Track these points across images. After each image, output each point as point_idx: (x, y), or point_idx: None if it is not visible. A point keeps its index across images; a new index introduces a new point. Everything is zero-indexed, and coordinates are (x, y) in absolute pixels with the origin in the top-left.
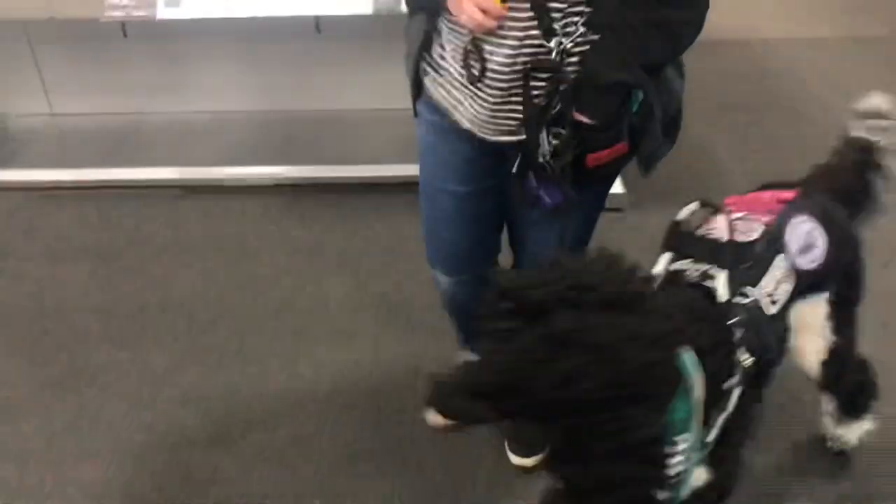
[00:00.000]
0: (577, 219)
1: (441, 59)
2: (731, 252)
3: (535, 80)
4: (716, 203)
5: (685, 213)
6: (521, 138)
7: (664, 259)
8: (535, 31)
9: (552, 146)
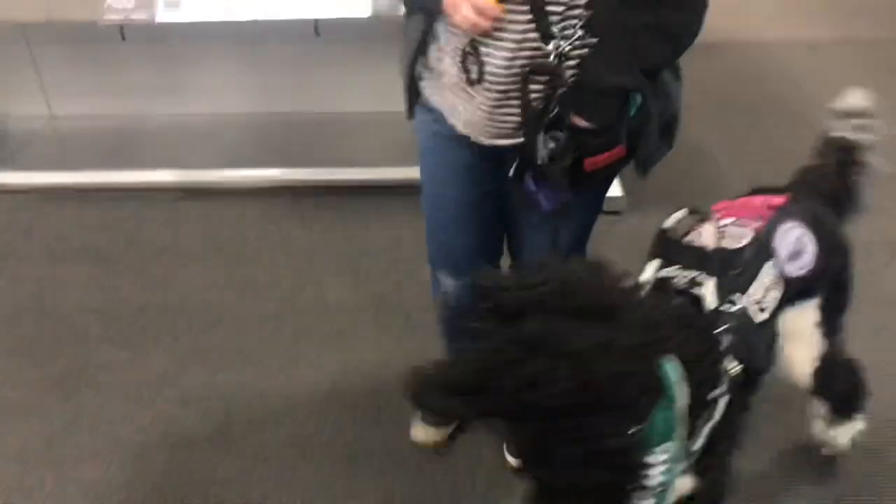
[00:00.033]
0: (574, 222)
1: (437, 62)
2: (719, 259)
3: (533, 84)
4: (703, 210)
5: (672, 221)
6: (519, 141)
7: (652, 266)
8: (533, 33)
9: (550, 150)
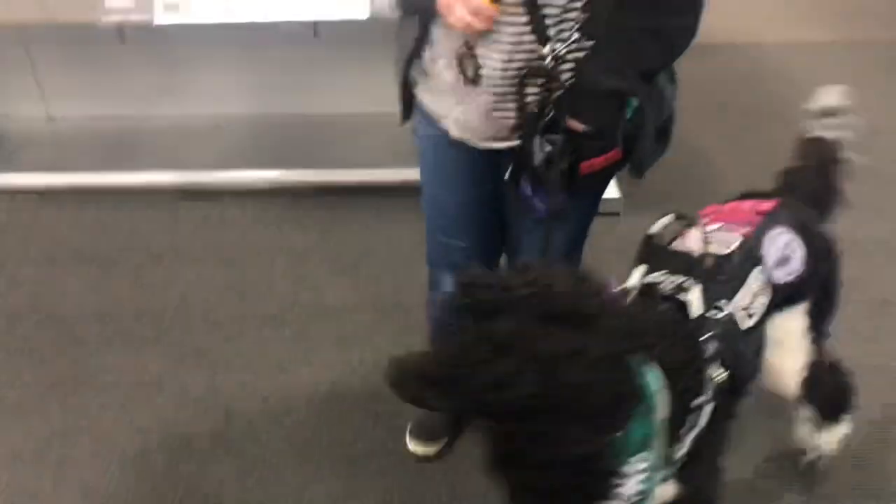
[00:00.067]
0: (570, 224)
1: (431, 65)
2: (705, 265)
3: (529, 86)
4: (689, 216)
5: (658, 227)
6: (516, 144)
7: (638, 272)
8: (529, 36)
9: (546, 153)
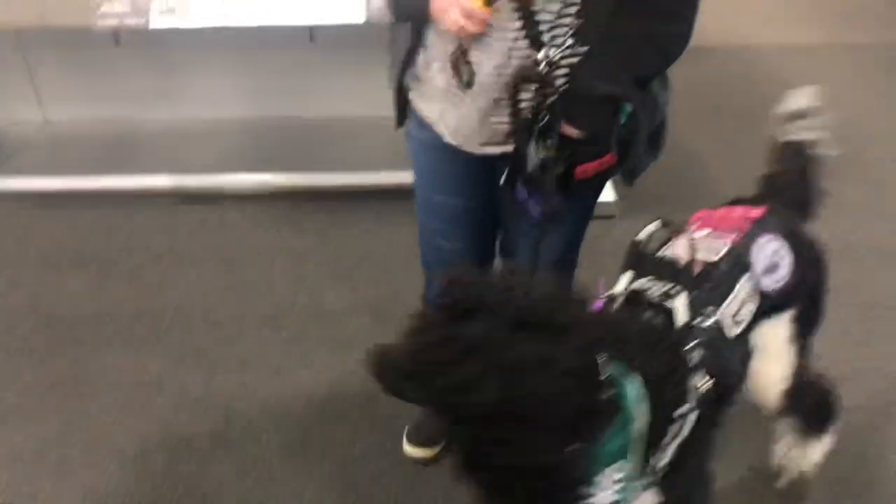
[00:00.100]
0: (565, 228)
1: (425, 70)
2: (692, 273)
3: (523, 91)
4: (676, 223)
5: (645, 234)
6: (510, 149)
7: (625, 278)
8: (523, 41)
9: (541, 158)
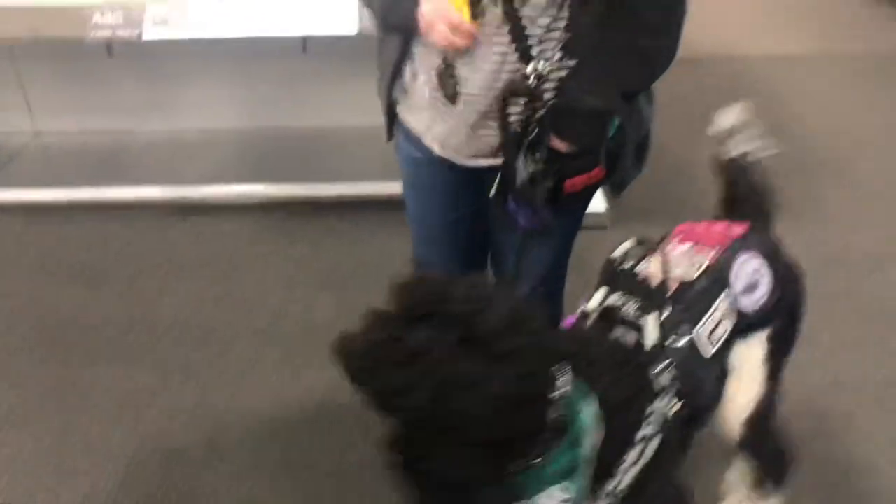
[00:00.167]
0: (554, 240)
1: (412, 82)
2: (667, 291)
3: (511, 105)
4: (652, 240)
5: (620, 251)
6: (498, 162)
7: (599, 294)
8: (513, 55)
9: (530, 172)
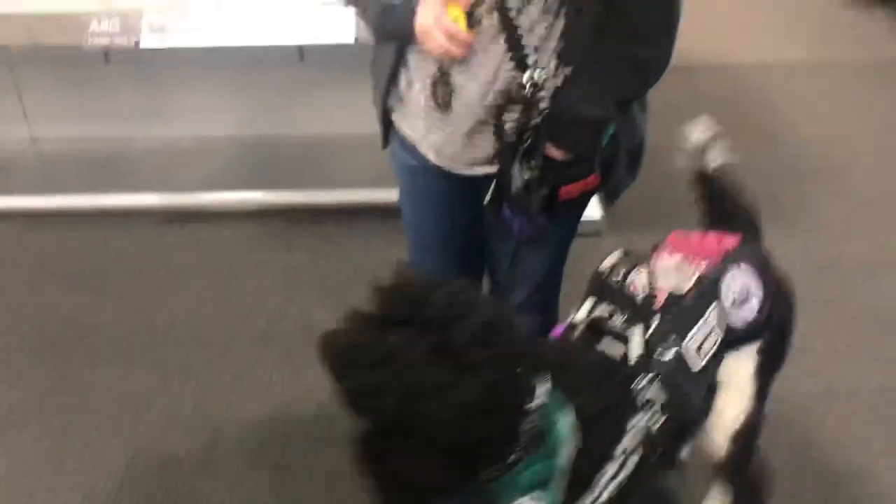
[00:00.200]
0: (549, 247)
1: (407, 90)
2: (653, 304)
3: (507, 113)
4: (639, 253)
5: (608, 264)
6: (494, 170)
7: (586, 305)
8: (509, 63)
9: (525, 180)
